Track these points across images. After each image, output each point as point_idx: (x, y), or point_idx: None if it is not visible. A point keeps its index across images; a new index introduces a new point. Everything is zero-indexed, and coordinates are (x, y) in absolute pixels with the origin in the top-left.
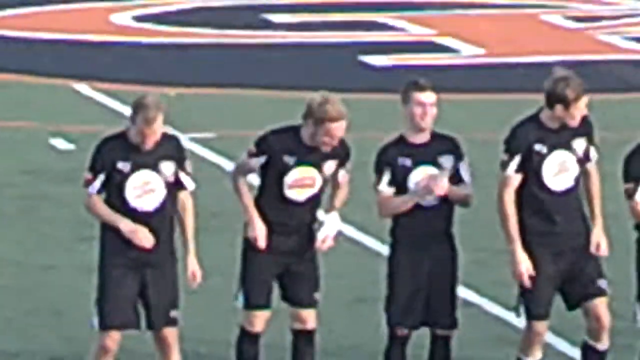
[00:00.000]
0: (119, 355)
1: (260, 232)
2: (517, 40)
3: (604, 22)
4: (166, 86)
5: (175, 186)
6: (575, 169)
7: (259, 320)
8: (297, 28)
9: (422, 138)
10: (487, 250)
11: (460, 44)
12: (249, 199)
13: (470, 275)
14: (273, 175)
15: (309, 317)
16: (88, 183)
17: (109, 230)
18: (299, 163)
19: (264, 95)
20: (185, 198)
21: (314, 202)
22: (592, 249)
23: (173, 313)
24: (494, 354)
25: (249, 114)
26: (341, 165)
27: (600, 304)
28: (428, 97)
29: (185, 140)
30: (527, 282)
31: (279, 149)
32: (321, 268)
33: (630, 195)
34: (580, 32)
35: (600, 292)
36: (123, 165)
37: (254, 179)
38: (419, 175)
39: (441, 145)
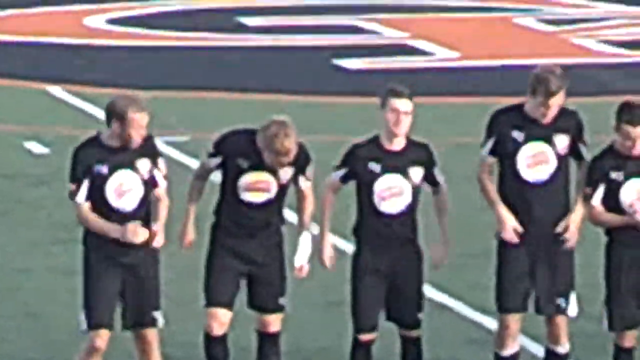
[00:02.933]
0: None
1: (188, 238)
2: (491, 44)
3: (578, 25)
4: (140, 89)
5: (150, 183)
6: (554, 163)
7: (219, 321)
8: (271, 31)
9: (397, 145)
10: (462, 254)
11: (434, 47)
12: (191, 204)
13: (444, 278)
14: (228, 177)
15: (274, 321)
16: (74, 194)
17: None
18: (252, 167)
19: (237, 98)
20: (159, 193)
21: (273, 205)
22: (559, 228)
23: (156, 314)
24: (468, 357)
25: (223, 116)
26: (300, 171)
27: (558, 321)
28: (403, 104)
29: (159, 143)
30: (515, 239)
31: (234, 152)
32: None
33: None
34: (554, 35)
35: (562, 312)
36: (101, 168)
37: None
38: (385, 183)
39: (414, 155)
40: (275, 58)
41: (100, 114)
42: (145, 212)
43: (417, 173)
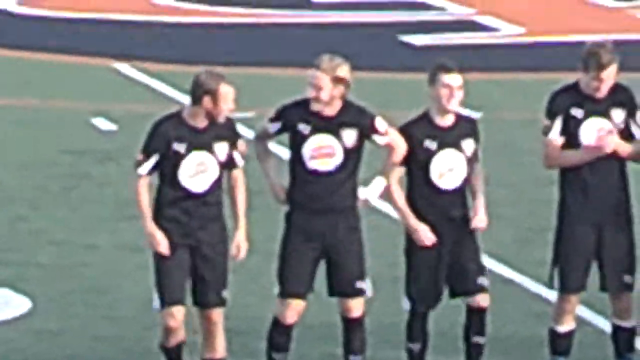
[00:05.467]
0: None
1: (281, 196)
2: (557, 19)
3: None
4: (207, 65)
5: (227, 165)
6: (613, 143)
7: (291, 310)
8: (337, 7)
9: (448, 120)
10: (529, 229)
11: (500, 23)
12: (267, 162)
13: (512, 254)
14: (293, 148)
15: (354, 306)
16: (139, 164)
17: (162, 208)
18: (314, 131)
19: (303, 74)
20: (237, 175)
21: (342, 174)
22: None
23: (224, 293)
24: (535, 331)
25: (289, 93)
26: (366, 132)
27: (625, 298)
28: (454, 79)
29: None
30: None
31: (294, 118)
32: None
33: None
34: (621, 11)
35: (627, 288)
36: (179, 147)
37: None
38: (440, 160)
39: (464, 129)
40: (341, 34)
41: (168, 91)
42: (217, 194)
43: (469, 145)
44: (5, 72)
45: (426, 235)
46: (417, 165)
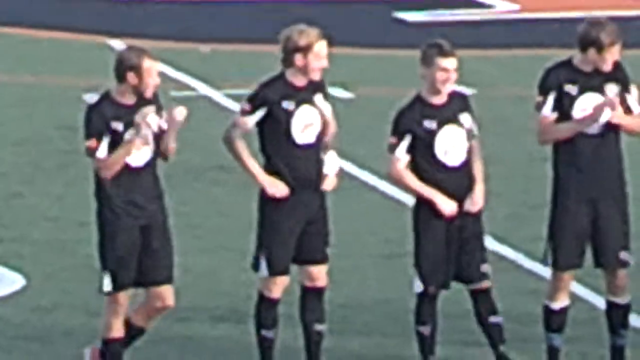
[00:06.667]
0: None
1: (279, 187)
2: None
3: None
4: (200, 42)
5: (159, 136)
6: (607, 113)
7: (279, 286)
8: None
9: (441, 99)
10: (523, 205)
11: (494, 0)
12: (250, 160)
13: (505, 230)
14: (278, 127)
15: (320, 274)
16: (94, 149)
17: (112, 195)
18: (298, 105)
19: None
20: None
21: (319, 145)
22: None
23: (173, 270)
24: (529, 307)
25: None
26: (325, 97)
27: (620, 274)
28: (452, 63)
29: (220, 97)
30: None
31: (275, 99)
32: (355, 223)
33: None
34: None
35: (622, 265)
36: (116, 125)
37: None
38: (442, 137)
39: (459, 104)
40: (336, 11)
41: (161, 68)
42: (154, 170)
43: (467, 119)
44: None
45: (447, 203)
46: (421, 147)
